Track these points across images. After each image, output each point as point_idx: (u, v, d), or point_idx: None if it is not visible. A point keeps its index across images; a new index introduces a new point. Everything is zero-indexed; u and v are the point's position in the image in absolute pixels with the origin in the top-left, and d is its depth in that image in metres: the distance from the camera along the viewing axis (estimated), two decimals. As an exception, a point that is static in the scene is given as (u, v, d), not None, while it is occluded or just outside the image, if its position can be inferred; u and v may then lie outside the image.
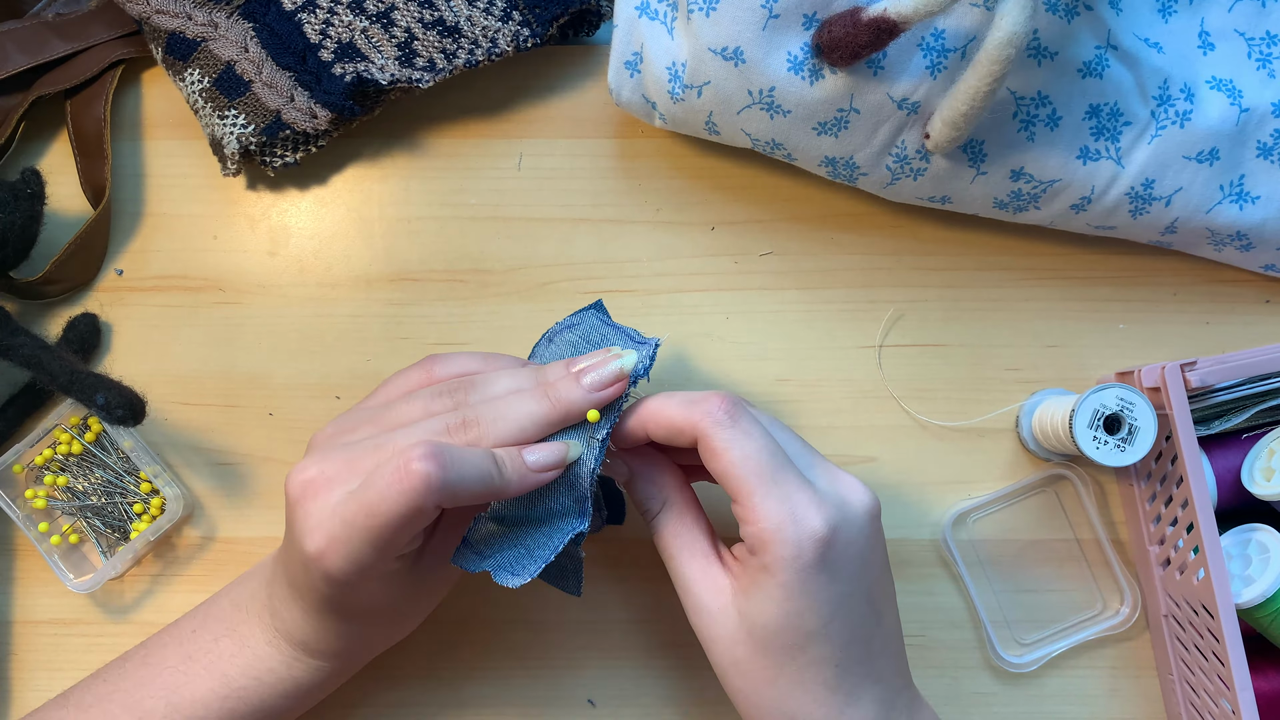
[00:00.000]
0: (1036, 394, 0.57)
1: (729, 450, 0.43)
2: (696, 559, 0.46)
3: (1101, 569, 0.57)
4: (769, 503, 0.42)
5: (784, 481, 0.43)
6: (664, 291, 0.59)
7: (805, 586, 0.42)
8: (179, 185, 0.61)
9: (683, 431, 0.44)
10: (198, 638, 0.49)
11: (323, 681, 0.49)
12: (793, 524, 0.42)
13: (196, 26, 0.58)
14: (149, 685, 0.48)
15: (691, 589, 0.45)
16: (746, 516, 0.43)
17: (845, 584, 0.43)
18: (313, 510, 0.42)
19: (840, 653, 0.43)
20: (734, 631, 0.44)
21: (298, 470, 0.43)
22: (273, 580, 0.48)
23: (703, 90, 0.53)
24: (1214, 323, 0.59)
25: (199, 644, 0.48)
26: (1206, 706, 0.51)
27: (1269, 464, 0.52)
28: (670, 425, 0.44)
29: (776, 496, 0.42)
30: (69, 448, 0.58)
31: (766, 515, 0.42)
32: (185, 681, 0.47)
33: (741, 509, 0.43)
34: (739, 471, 0.43)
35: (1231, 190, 0.54)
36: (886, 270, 0.59)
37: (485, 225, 0.60)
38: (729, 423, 0.43)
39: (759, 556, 0.42)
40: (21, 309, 0.59)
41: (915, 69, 0.51)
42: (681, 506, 0.47)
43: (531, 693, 0.57)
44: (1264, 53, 0.54)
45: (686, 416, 0.44)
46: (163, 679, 0.48)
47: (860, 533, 0.44)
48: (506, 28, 0.57)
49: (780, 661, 0.43)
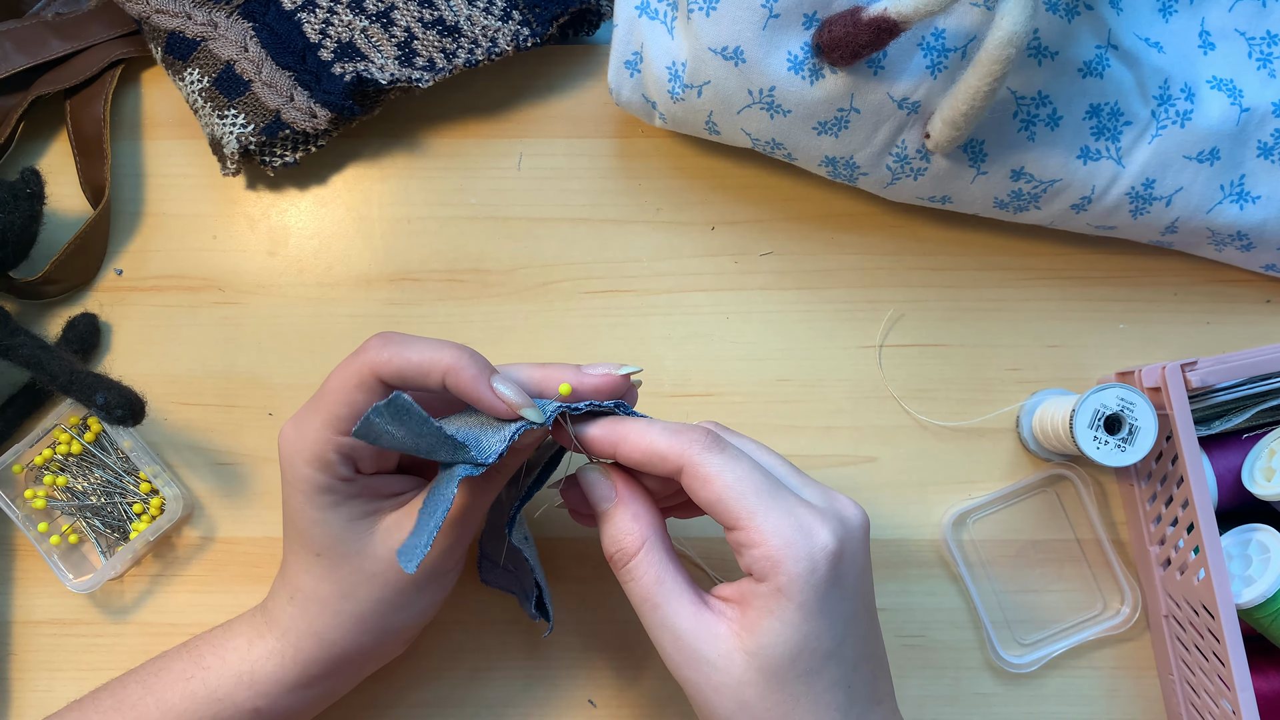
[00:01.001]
0: (1037, 394, 0.57)
1: (721, 475, 0.41)
2: (685, 607, 0.42)
3: (1102, 569, 0.57)
4: (773, 521, 0.41)
5: (783, 499, 0.41)
6: (664, 291, 0.59)
7: (821, 605, 0.40)
8: (179, 185, 0.61)
9: (665, 459, 0.42)
10: (193, 653, 0.49)
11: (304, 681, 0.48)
12: (804, 539, 0.40)
13: (196, 26, 0.58)
14: None
15: (684, 641, 0.42)
16: (751, 539, 0.41)
17: (853, 601, 0.42)
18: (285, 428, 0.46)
19: (851, 674, 0.42)
20: (741, 675, 0.41)
21: None
22: (272, 591, 0.49)
23: (703, 90, 0.53)
24: (1214, 323, 0.59)
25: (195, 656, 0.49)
26: (1207, 707, 0.51)
27: (1269, 464, 0.52)
28: (650, 450, 0.42)
29: (779, 514, 0.41)
30: (69, 448, 0.57)
31: (774, 533, 0.40)
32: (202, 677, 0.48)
33: (743, 533, 0.41)
34: (734, 495, 0.41)
35: (1232, 190, 0.54)
36: (886, 270, 0.59)
37: (485, 225, 0.60)
38: (716, 449, 0.42)
39: (770, 580, 0.40)
40: (21, 309, 0.59)
41: (915, 69, 0.51)
42: (664, 549, 0.44)
43: (531, 693, 0.57)
44: (1264, 52, 0.54)
45: (670, 444, 0.42)
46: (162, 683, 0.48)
47: (860, 547, 0.43)
48: (506, 27, 0.57)
49: (795, 694, 0.41)
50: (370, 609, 0.47)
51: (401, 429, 0.41)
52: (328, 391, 0.45)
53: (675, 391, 0.58)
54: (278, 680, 0.48)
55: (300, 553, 0.47)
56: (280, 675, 0.48)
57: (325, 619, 0.47)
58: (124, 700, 0.48)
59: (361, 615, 0.47)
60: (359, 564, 0.46)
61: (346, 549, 0.46)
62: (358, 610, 0.47)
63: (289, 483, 0.46)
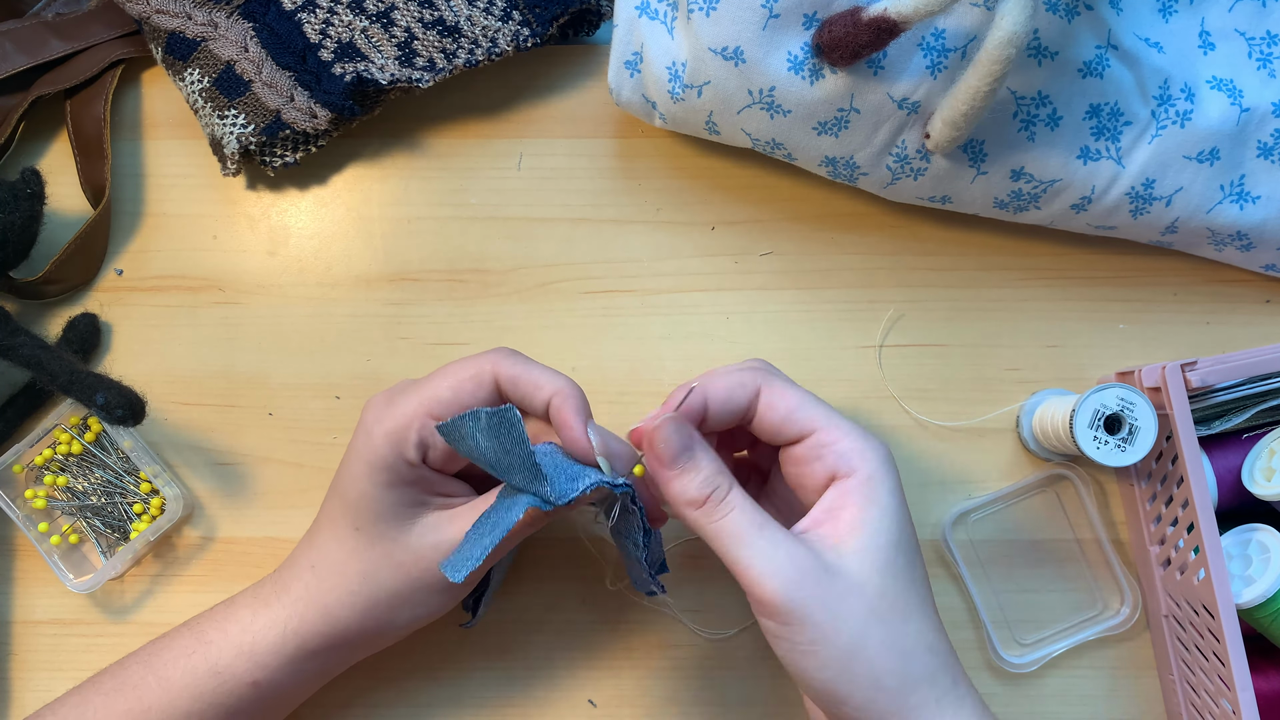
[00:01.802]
0: (1037, 394, 0.57)
1: (789, 390, 0.45)
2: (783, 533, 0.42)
3: (1102, 569, 0.57)
4: (845, 423, 0.44)
5: (839, 414, 0.45)
6: (664, 291, 0.59)
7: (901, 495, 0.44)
8: (179, 185, 0.61)
9: (744, 385, 0.46)
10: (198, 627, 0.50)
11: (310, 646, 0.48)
12: (868, 440, 0.44)
13: (196, 26, 0.58)
14: None
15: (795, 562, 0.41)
16: (832, 436, 0.44)
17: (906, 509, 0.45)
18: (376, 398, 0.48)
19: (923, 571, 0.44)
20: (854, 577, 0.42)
21: None
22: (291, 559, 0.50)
23: (703, 90, 0.53)
24: (1214, 323, 0.59)
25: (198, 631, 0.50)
26: (1207, 706, 0.51)
27: (1269, 464, 0.52)
28: (731, 384, 0.45)
29: (842, 423, 0.45)
30: (69, 448, 0.58)
31: (850, 431, 0.44)
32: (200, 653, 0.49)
33: (823, 433, 0.44)
34: (809, 404, 0.45)
35: (1232, 190, 0.54)
36: (886, 270, 0.59)
37: (485, 225, 0.60)
38: (778, 374, 0.47)
39: (860, 471, 0.43)
40: (21, 309, 0.59)
41: (915, 69, 0.51)
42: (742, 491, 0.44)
43: (531, 693, 0.57)
44: (1264, 52, 0.54)
45: (742, 374, 0.46)
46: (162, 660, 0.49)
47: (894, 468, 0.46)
48: (506, 27, 0.57)
49: (906, 585, 0.43)
50: (385, 597, 0.47)
51: (492, 441, 0.42)
52: (438, 376, 0.47)
53: (675, 391, 0.59)
54: (277, 651, 0.48)
55: (339, 523, 0.47)
56: (280, 646, 0.48)
57: (339, 595, 0.47)
58: (125, 681, 0.48)
59: (375, 601, 0.47)
60: (390, 550, 0.47)
61: (384, 531, 0.47)
62: (373, 595, 0.47)
63: (357, 450, 0.47)
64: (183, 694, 0.47)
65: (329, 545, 0.48)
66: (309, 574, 0.48)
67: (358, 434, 0.47)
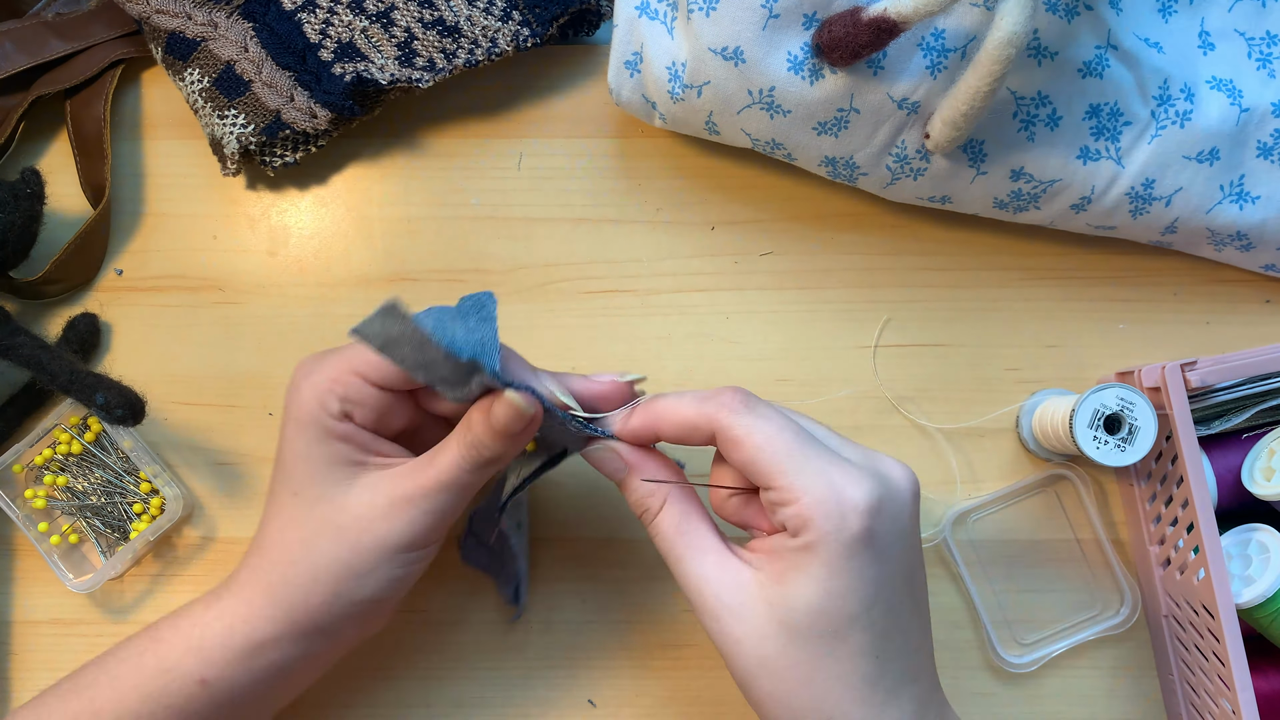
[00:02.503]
0: (1036, 394, 0.57)
1: (751, 434, 0.41)
2: (709, 554, 0.43)
3: (1101, 569, 0.57)
4: (805, 477, 0.40)
5: (816, 456, 0.41)
6: (664, 291, 0.59)
7: (850, 563, 0.40)
8: (179, 185, 0.61)
9: (698, 427, 0.43)
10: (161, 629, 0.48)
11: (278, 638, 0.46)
12: (834, 496, 0.40)
13: (196, 26, 0.58)
14: None
15: (707, 587, 0.42)
16: (782, 497, 0.41)
17: (887, 565, 0.41)
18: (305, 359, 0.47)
19: (880, 643, 0.41)
20: (763, 626, 0.41)
21: None
22: None
23: (703, 90, 0.53)
24: (1214, 323, 0.59)
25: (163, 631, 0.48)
26: (1206, 706, 0.51)
27: (1269, 464, 0.52)
28: (684, 422, 0.43)
29: (812, 471, 0.40)
30: (69, 447, 0.57)
31: (805, 489, 0.40)
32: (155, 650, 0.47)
33: (776, 491, 0.41)
34: (766, 454, 0.41)
35: (1232, 190, 0.54)
36: (886, 270, 0.59)
37: (485, 225, 0.60)
38: (746, 410, 0.42)
39: (801, 536, 0.40)
40: (21, 309, 0.59)
41: (915, 69, 0.51)
42: (684, 503, 0.45)
43: (531, 693, 0.57)
44: (1264, 53, 0.54)
45: (700, 411, 0.43)
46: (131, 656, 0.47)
47: (903, 510, 0.42)
48: (506, 27, 0.57)
49: (818, 654, 0.40)
50: (327, 565, 0.45)
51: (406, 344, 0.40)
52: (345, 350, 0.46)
53: (675, 391, 0.59)
54: (224, 645, 0.45)
55: (278, 494, 0.46)
56: (227, 639, 0.45)
57: (281, 570, 0.45)
58: (80, 683, 0.47)
59: (317, 571, 0.45)
60: (328, 513, 0.45)
61: (321, 493, 0.45)
62: (315, 565, 0.45)
63: (287, 410, 0.46)
64: (131, 693, 0.45)
65: (270, 522, 0.46)
66: (253, 554, 0.46)
67: (288, 393, 0.46)
